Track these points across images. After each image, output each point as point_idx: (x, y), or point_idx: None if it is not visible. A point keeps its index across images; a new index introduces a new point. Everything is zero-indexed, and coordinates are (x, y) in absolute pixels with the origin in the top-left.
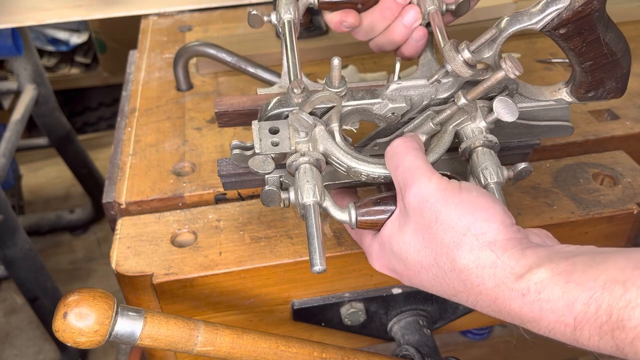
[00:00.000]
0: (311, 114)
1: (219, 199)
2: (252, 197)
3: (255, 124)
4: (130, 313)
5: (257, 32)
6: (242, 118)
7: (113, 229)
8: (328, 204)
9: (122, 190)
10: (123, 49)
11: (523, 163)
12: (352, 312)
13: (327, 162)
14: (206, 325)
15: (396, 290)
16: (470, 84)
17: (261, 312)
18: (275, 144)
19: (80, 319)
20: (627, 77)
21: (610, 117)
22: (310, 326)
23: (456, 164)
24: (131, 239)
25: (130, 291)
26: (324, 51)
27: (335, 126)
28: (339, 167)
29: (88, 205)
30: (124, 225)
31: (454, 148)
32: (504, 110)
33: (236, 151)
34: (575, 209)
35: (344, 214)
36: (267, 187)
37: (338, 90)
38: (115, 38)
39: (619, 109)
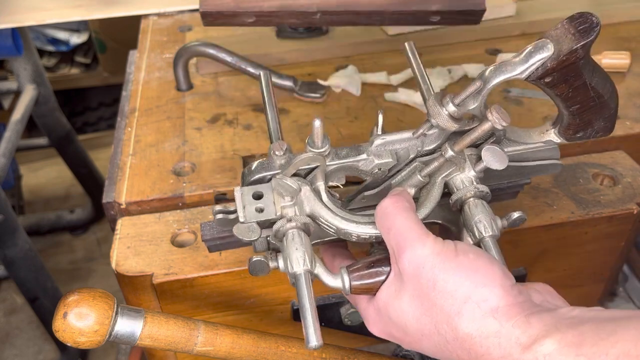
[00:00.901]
0: (295, 174)
1: (219, 199)
2: None
3: (237, 190)
4: (130, 313)
5: (257, 32)
6: (226, 18)
7: (113, 229)
8: (319, 270)
9: (122, 190)
10: (123, 49)
11: (517, 212)
12: (352, 312)
13: (315, 223)
14: (206, 325)
15: None
16: (457, 133)
17: (261, 312)
18: (260, 210)
19: (80, 319)
20: (615, 116)
21: None
22: None
23: (447, 211)
24: (131, 239)
25: (130, 291)
26: (324, 51)
27: (320, 185)
28: (328, 229)
29: (88, 205)
30: (124, 225)
31: (444, 194)
32: (493, 159)
33: (220, 216)
34: (575, 209)
35: (336, 281)
36: (254, 258)
37: (321, 150)
38: (115, 38)
39: (619, 109)
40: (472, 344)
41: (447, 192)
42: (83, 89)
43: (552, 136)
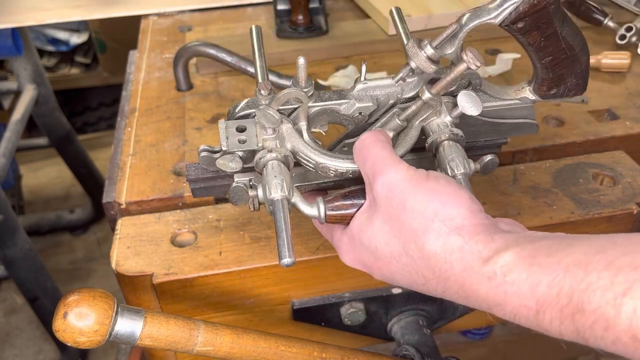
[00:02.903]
0: (279, 112)
1: (219, 199)
2: None
3: (222, 122)
4: (130, 313)
5: None
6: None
7: (113, 229)
8: (297, 199)
9: (122, 190)
10: (123, 49)
11: (489, 155)
12: (352, 312)
13: (295, 161)
14: (206, 325)
15: (396, 290)
16: (434, 82)
17: (261, 312)
18: (242, 142)
19: (80, 318)
20: (587, 74)
21: (610, 117)
22: (311, 326)
23: (424, 163)
24: (131, 239)
25: (130, 291)
26: (324, 51)
27: (302, 125)
28: (307, 164)
29: (88, 205)
30: (124, 225)
31: (421, 148)
32: (468, 104)
33: (204, 154)
34: (575, 209)
35: (312, 209)
36: (234, 184)
37: (305, 90)
38: (115, 38)
39: (618, 109)
40: (437, 261)
41: (424, 141)
42: (83, 89)
43: (527, 93)
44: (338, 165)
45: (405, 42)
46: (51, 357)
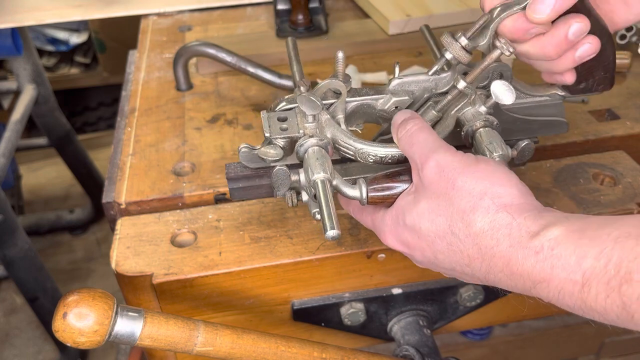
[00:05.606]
0: None
1: (219, 199)
2: None
3: (264, 113)
4: (130, 313)
5: (257, 32)
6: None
7: (113, 229)
8: (338, 181)
9: (122, 190)
10: (123, 48)
11: (525, 140)
12: (352, 312)
13: (335, 151)
14: (206, 325)
15: (396, 291)
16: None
17: (261, 312)
18: (284, 129)
19: (80, 319)
20: (614, 67)
21: (611, 117)
22: (310, 326)
23: None
24: (131, 239)
25: (130, 291)
26: (324, 51)
27: (340, 118)
28: (347, 150)
29: (88, 205)
30: (123, 225)
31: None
32: (502, 92)
33: (244, 149)
34: (575, 209)
35: (354, 190)
36: (277, 167)
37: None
38: (115, 38)
39: (619, 109)
40: (483, 238)
41: (458, 133)
42: (83, 88)
43: (556, 89)
44: (377, 150)
45: (438, 55)
46: (51, 357)
